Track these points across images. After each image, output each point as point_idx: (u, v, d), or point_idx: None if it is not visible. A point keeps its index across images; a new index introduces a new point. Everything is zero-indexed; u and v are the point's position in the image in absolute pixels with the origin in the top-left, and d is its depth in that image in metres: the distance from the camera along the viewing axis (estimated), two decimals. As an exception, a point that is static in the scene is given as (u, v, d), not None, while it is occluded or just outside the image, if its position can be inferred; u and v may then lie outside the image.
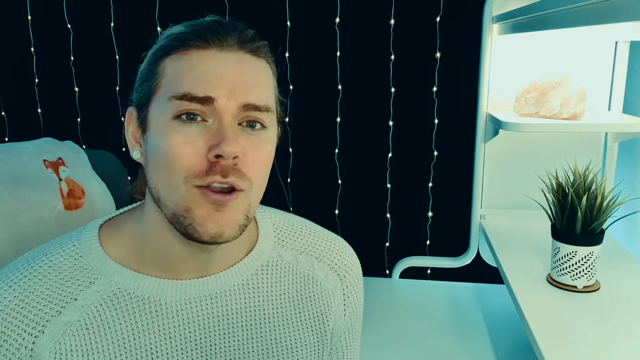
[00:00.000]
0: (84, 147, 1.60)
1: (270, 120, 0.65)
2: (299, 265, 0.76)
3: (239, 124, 0.63)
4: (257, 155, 0.63)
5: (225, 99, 0.61)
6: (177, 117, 0.61)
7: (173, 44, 0.64)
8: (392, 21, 1.70)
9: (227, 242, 0.63)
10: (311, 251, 0.78)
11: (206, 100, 0.61)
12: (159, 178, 0.63)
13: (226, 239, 0.63)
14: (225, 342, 0.71)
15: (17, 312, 0.63)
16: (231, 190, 0.62)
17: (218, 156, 0.60)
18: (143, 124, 0.65)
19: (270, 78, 0.67)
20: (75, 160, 1.15)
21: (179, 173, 0.61)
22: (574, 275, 1.13)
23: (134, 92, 0.68)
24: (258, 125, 0.64)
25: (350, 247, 0.83)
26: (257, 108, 0.63)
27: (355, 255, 0.83)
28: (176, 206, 0.62)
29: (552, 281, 1.18)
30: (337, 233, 0.87)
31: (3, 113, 1.99)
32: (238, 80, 0.62)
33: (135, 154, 0.67)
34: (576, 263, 1.12)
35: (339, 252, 0.80)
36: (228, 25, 0.64)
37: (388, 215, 1.85)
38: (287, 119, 0.73)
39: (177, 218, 0.62)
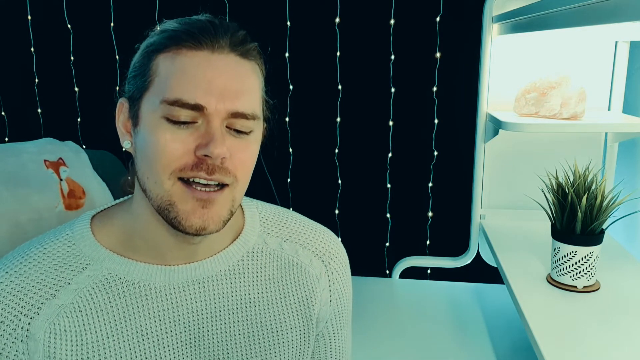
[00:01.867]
0: (84, 147, 1.60)
1: (256, 125, 0.68)
2: (283, 252, 0.79)
3: (227, 127, 0.65)
4: (242, 154, 0.67)
5: (214, 105, 0.63)
6: (167, 119, 0.64)
7: (166, 42, 0.66)
8: (392, 21, 1.70)
9: (212, 233, 0.67)
10: (296, 239, 0.81)
11: (196, 107, 0.63)
12: (146, 170, 0.66)
13: (210, 231, 0.66)
14: (212, 325, 0.74)
15: (14, 296, 0.67)
16: (216, 186, 0.65)
17: (206, 155, 0.63)
18: (134, 118, 0.68)
19: (258, 81, 0.70)
20: (76, 160, 1.15)
21: (165, 167, 0.64)
22: (574, 275, 1.13)
23: (127, 84, 0.70)
24: (243, 132, 0.67)
25: (335, 236, 0.85)
26: (244, 116, 0.65)
27: (341, 245, 0.85)
28: (161, 199, 0.65)
29: (552, 281, 1.18)
30: (337, 233, 0.88)
31: (3, 113, 1.99)
32: (228, 85, 0.64)
33: (126, 144, 0.70)
34: (576, 263, 1.12)
35: (324, 239, 0.83)
36: (220, 27, 0.66)
37: (388, 215, 1.85)
38: (286, 119, 0.75)
39: (162, 211, 0.66)
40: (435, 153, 1.77)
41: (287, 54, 1.75)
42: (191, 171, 0.63)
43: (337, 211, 1.87)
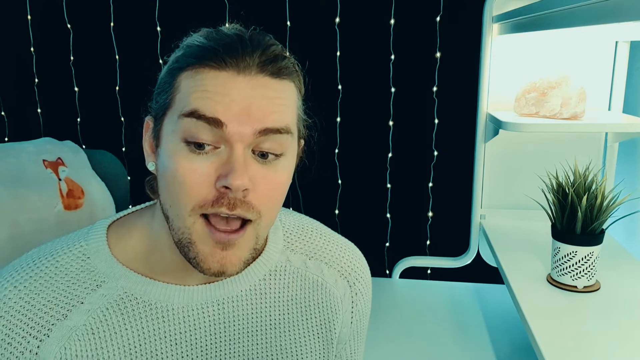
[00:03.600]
0: (83, 147, 1.60)
1: (289, 143, 0.62)
2: (308, 271, 0.75)
3: (253, 151, 0.60)
4: (268, 186, 0.60)
5: (236, 125, 0.58)
6: (187, 142, 0.59)
7: (190, 60, 0.61)
8: (392, 21, 1.70)
9: (231, 276, 0.64)
10: (321, 256, 0.77)
11: (215, 123, 0.58)
12: (168, 199, 0.62)
13: (229, 275, 0.62)
14: (231, 348, 0.70)
15: (23, 315, 0.62)
16: (238, 225, 0.60)
17: (226, 187, 0.58)
18: (157, 138, 0.64)
19: (292, 99, 0.63)
20: (75, 160, 1.15)
21: (186, 203, 0.59)
22: (574, 275, 1.13)
23: (153, 101, 0.66)
24: (271, 156, 0.61)
25: (360, 253, 0.81)
26: (277, 131, 0.60)
27: (366, 262, 0.81)
28: (182, 235, 0.61)
29: (552, 281, 1.18)
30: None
31: (3, 113, 1.99)
32: (253, 106, 0.58)
33: (150, 166, 0.66)
34: (576, 263, 1.12)
35: (350, 258, 0.79)
36: (249, 44, 0.60)
37: (388, 215, 1.85)
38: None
39: (182, 247, 0.62)
40: (435, 153, 1.77)
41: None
42: (212, 207, 0.58)
43: (337, 211, 1.87)
